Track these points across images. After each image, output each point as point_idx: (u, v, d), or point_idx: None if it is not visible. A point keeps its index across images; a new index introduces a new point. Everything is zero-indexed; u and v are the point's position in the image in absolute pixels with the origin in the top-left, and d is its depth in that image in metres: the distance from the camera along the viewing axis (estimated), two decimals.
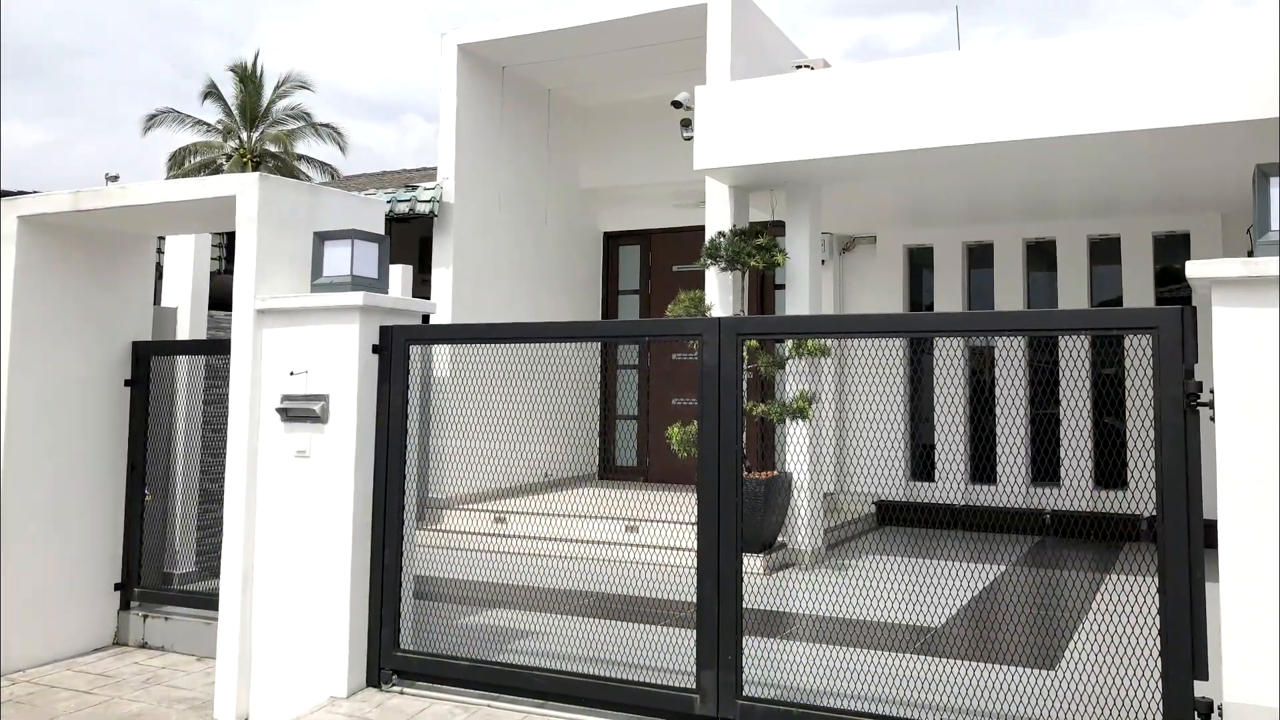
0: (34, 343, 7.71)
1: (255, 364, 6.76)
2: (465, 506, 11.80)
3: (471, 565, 7.69)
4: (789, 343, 10.20)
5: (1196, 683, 4.62)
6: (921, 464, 13.99)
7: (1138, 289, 12.98)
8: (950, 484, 13.51)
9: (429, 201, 13.00)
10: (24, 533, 7.62)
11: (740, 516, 5.58)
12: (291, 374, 6.66)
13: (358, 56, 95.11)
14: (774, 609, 8.63)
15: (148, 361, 8.39)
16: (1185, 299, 12.33)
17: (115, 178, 21.87)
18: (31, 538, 7.67)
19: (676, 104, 11.39)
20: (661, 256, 15.68)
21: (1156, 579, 4.71)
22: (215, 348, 8.36)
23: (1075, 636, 7.61)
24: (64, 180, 68.77)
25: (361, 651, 6.50)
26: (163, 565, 8.95)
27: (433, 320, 11.15)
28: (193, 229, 8.78)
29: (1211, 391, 4.62)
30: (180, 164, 38.04)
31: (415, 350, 6.62)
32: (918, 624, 7.90)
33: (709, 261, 10.75)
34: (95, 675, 7.45)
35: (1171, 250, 13.05)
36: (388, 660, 6.49)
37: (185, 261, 9.72)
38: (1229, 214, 12.44)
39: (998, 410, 13.54)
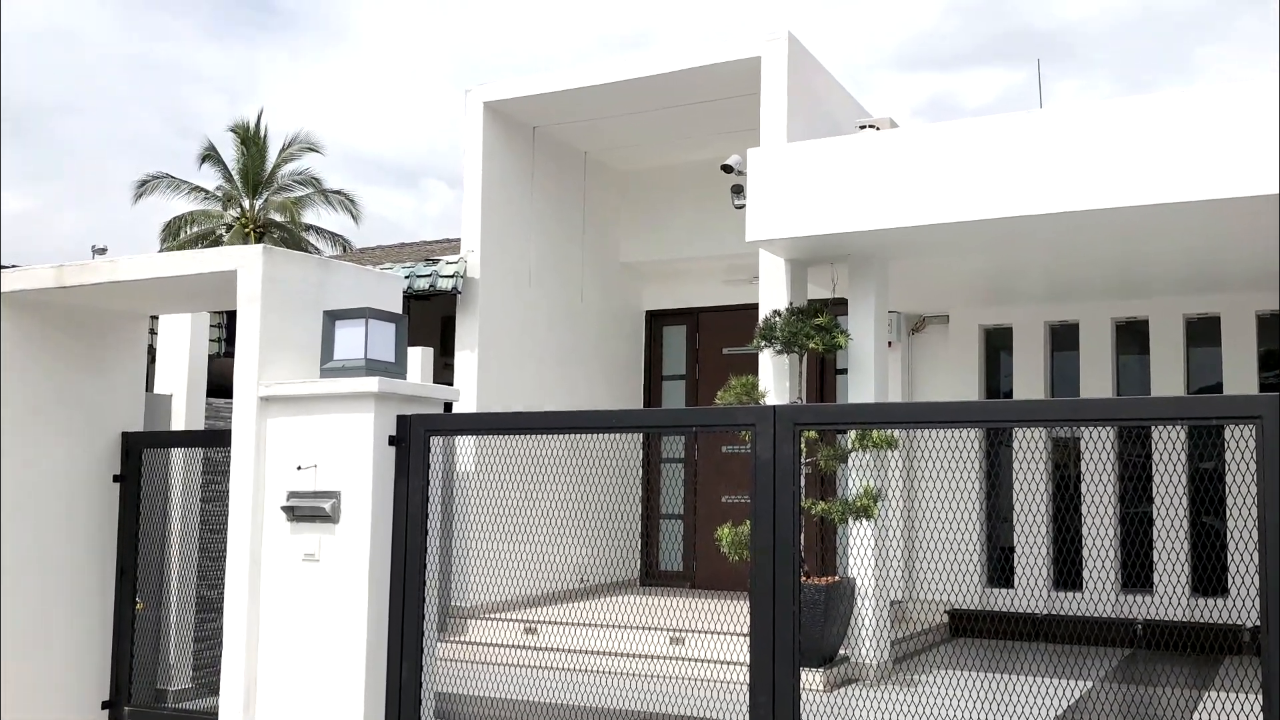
0: (12, 434, 7.74)
1: (258, 457, 6.80)
2: (492, 616, 11.74)
3: (499, 681, 7.66)
4: (852, 434, 10.17)
5: None
6: (999, 568, 13.86)
7: (1240, 374, 12.88)
8: (1031, 591, 13.36)
9: (452, 277, 13.09)
10: (1, 645, 7.62)
11: (798, 627, 5.55)
12: (299, 468, 6.69)
13: (372, 116, 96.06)
14: None
15: (139, 454, 8.39)
16: None
17: (103, 250, 22.15)
18: (10, 651, 7.66)
19: (727, 169, 11.46)
20: (710, 338, 15.70)
21: (1260, 696, 4.65)
22: (214, 439, 8.41)
23: None
24: (46, 253, 69.68)
25: None
26: (156, 681, 8.95)
27: (456, 409, 11.17)
28: (189, 307, 8.87)
29: None
30: (175, 235, 38.53)
31: (436, 442, 6.64)
32: None
33: (763, 343, 10.76)
34: None
35: (1278, 331, 12.97)
36: None
37: (181, 343, 9.80)
38: None
39: (1084, 509, 13.41)
